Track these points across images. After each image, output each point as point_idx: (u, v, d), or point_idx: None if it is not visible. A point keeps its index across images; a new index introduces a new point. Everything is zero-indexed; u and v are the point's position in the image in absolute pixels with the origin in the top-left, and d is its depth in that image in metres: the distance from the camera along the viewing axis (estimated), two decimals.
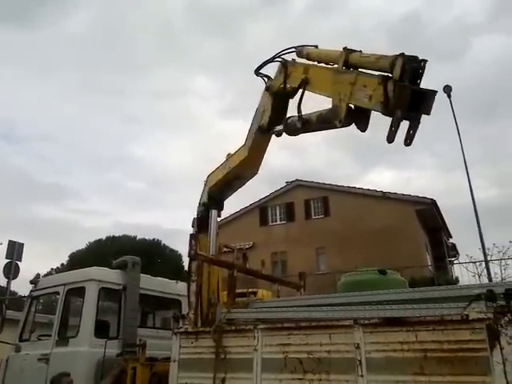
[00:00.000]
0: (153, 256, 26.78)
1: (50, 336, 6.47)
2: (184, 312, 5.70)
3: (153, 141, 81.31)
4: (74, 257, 31.34)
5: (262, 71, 5.25)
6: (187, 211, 6.21)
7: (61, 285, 6.75)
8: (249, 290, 7.33)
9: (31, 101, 75.52)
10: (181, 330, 4.88)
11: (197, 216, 6.10)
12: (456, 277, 21.50)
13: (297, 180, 29.56)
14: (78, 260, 26.88)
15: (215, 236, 5.85)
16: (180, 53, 78.76)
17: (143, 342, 5.77)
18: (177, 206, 73.15)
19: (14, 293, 21.51)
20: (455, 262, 26.53)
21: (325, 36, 71.20)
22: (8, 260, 14.14)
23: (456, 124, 17.67)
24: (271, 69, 5.19)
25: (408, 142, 3.30)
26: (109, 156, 77.05)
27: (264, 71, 5.25)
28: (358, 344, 3.57)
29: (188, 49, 75.67)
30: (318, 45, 4.70)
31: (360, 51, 3.83)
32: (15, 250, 14.12)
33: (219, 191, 5.97)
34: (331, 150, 62.57)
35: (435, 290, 4.37)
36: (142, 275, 6.94)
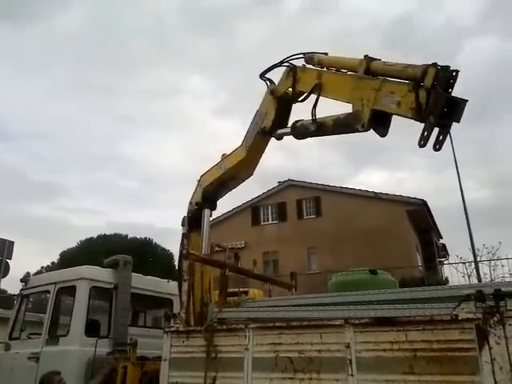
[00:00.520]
0: (144, 255, 26.69)
1: (41, 335, 6.44)
2: (175, 311, 5.70)
3: (145, 140, 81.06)
4: (65, 255, 31.14)
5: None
6: (179, 210, 6.19)
7: (51, 283, 6.72)
8: (240, 290, 7.34)
9: (23, 98, 75.01)
10: (172, 329, 4.88)
11: (188, 215, 6.09)
12: (446, 277, 21.64)
13: (289, 180, 29.55)
14: (69, 258, 26.70)
15: (208, 235, 5.85)
16: (173, 52, 78.64)
17: (134, 341, 5.75)
18: (168, 205, 72.95)
19: (4, 291, 21.40)
20: (445, 263, 26.67)
21: (317, 37, 71.27)
22: None
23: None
24: (271, 73, 5.22)
25: (437, 148, 3.41)
26: (101, 155, 76.68)
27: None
28: (349, 343, 3.59)
29: (181, 48, 75.61)
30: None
31: (379, 59, 3.96)
32: (5, 248, 13.99)
33: (214, 191, 5.97)
34: (323, 151, 62.75)
35: (425, 291, 4.40)
36: (134, 274, 6.92)
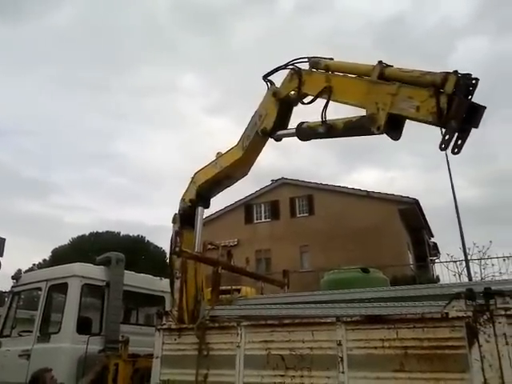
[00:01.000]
0: (137, 252, 26.54)
1: (32, 332, 6.42)
2: (168, 309, 5.70)
3: (138, 137, 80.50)
4: (57, 252, 30.90)
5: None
6: (171, 208, 6.17)
7: (43, 280, 6.71)
8: (233, 288, 7.35)
9: (14, 95, 74.34)
10: (164, 327, 4.88)
11: (179, 212, 6.08)
12: (437, 275, 21.74)
13: (282, 178, 29.56)
14: (61, 256, 26.51)
15: (201, 233, 5.85)
16: (166, 50, 78.00)
17: (126, 339, 5.75)
18: (161, 203, 72.46)
19: None
20: (436, 261, 26.79)
21: (311, 36, 71.27)
22: None
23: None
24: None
25: (456, 151, 3.50)
26: (93, 152, 75.99)
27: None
28: (340, 341, 3.61)
29: (174, 46, 74.90)
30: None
31: (392, 66, 4.05)
32: None
33: (208, 189, 5.97)
34: (316, 150, 62.80)
35: (416, 289, 4.44)
36: (126, 272, 6.92)
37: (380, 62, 4.07)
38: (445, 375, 3.14)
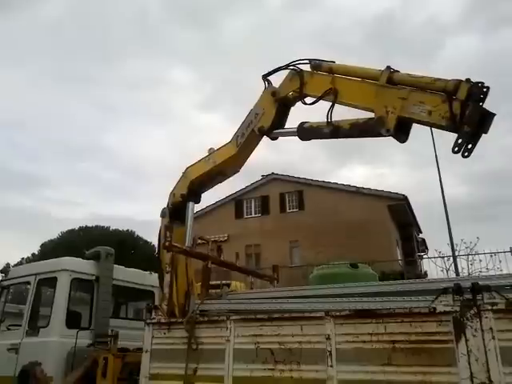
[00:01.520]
0: (126, 247, 26.48)
1: (20, 326, 6.39)
2: (157, 303, 5.70)
3: (127, 131, 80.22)
4: (46, 247, 30.68)
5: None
6: (161, 202, 6.12)
7: (32, 274, 6.67)
8: (223, 282, 7.36)
9: (2, 87, 73.44)
10: (153, 321, 4.88)
11: (168, 206, 6.07)
12: (425, 271, 21.96)
13: (272, 174, 29.57)
14: (50, 250, 26.36)
15: (191, 228, 5.85)
16: (156, 44, 77.43)
17: (115, 333, 5.75)
18: (151, 197, 72.29)
19: None
20: (424, 257, 27.01)
21: (301, 32, 71.20)
22: None
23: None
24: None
25: (466, 155, 3.61)
26: (82, 145, 75.33)
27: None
28: (329, 335, 3.63)
29: (164, 40, 74.48)
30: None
31: (398, 71, 4.15)
32: None
33: (200, 184, 5.97)
34: (306, 146, 62.87)
35: (404, 284, 4.48)
36: (116, 266, 6.91)
37: (388, 67, 4.18)
38: (432, 369, 3.18)
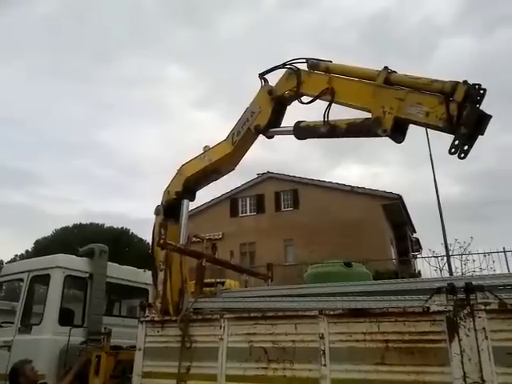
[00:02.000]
0: (121, 245, 26.44)
1: (13, 323, 6.36)
2: (151, 301, 5.68)
3: (123, 128, 79.96)
4: (40, 244, 30.58)
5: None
6: (156, 200, 6.10)
7: (25, 271, 6.64)
8: (217, 280, 7.35)
9: None
10: (147, 319, 4.87)
11: (163, 204, 6.05)
12: (419, 270, 21.99)
13: (268, 172, 29.57)
14: (44, 247, 26.24)
15: (186, 226, 5.83)
16: (152, 41, 76.92)
17: (108, 331, 5.73)
18: (145, 195, 72.08)
19: None
20: (418, 256, 27.04)
21: (296, 31, 71.13)
22: None
23: None
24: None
25: (463, 156, 3.63)
26: (77, 142, 74.90)
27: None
28: (323, 334, 3.64)
29: (160, 38, 74.25)
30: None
31: (395, 71, 4.15)
32: None
33: (195, 182, 5.95)
34: (301, 145, 62.59)
35: (398, 283, 4.48)
36: (110, 263, 6.88)
37: (385, 68, 4.18)
38: (425, 368, 3.19)
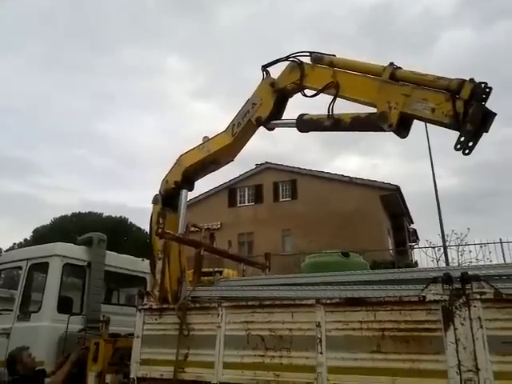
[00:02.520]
0: (119, 233, 26.50)
1: (12, 311, 6.39)
2: (148, 289, 5.71)
3: (121, 119, 79.71)
4: (38, 232, 30.65)
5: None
6: (154, 189, 6.10)
7: (24, 259, 6.66)
8: (215, 269, 7.39)
9: None
10: (145, 307, 4.89)
11: (161, 193, 6.05)
12: (415, 261, 22.10)
13: (266, 163, 29.52)
14: (42, 236, 26.31)
15: (184, 215, 5.85)
16: (152, 33, 76.72)
17: (106, 318, 5.76)
18: (144, 184, 72.09)
19: None
20: (415, 247, 27.12)
21: (297, 22, 70.73)
22: None
23: None
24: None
25: (467, 152, 3.67)
26: (77, 132, 74.96)
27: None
28: (319, 322, 3.67)
29: (160, 29, 73.81)
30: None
31: (401, 67, 4.17)
32: None
33: (194, 172, 5.95)
34: (300, 135, 62.33)
35: (395, 273, 4.51)
36: (108, 252, 6.90)
37: (391, 64, 4.20)
38: (420, 357, 3.23)
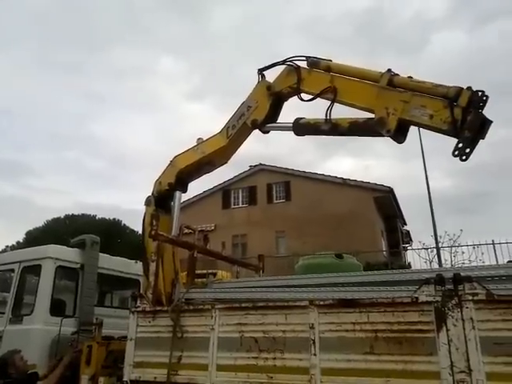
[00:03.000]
0: (113, 236, 26.36)
1: (4, 313, 6.35)
2: (141, 291, 5.69)
3: (114, 120, 79.37)
4: (31, 235, 30.42)
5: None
6: (148, 191, 6.09)
7: (16, 262, 6.62)
8: (208, 271, 7.38)
9: None
10: (138, 309, 4.88)
11: (154, 195, 6.04)
12: (409, 262, 22.18)
13: (260, 164, 29.51)
14: (35, 238, 26.13)
15: (178, 217, 5.84)
16: (144, 33, 76.16)
17: (100, 321, 5.73)
18: (137, 186, 71.80)
19: None
20: (408, 248, 27.23)
21: (291, 24, 70.87)
22: None
23: None
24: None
25: (465, 158, 3.73)
26: (68, 134, 74.54)
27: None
28: (313, 324, 3.67)
29: (152, 29, 73.39)
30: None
31: (398, 74, 4.22)
32: None
33: (188, 174, 5.95)
34: (294, 137, 62.27)
35: (388, 274, 4.53)
36: (101, 254, 6.88)
37: (389, 70, 4.24)
38: (413, 358, 3.24)
